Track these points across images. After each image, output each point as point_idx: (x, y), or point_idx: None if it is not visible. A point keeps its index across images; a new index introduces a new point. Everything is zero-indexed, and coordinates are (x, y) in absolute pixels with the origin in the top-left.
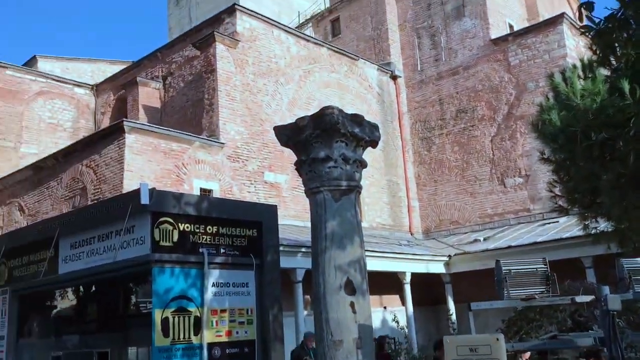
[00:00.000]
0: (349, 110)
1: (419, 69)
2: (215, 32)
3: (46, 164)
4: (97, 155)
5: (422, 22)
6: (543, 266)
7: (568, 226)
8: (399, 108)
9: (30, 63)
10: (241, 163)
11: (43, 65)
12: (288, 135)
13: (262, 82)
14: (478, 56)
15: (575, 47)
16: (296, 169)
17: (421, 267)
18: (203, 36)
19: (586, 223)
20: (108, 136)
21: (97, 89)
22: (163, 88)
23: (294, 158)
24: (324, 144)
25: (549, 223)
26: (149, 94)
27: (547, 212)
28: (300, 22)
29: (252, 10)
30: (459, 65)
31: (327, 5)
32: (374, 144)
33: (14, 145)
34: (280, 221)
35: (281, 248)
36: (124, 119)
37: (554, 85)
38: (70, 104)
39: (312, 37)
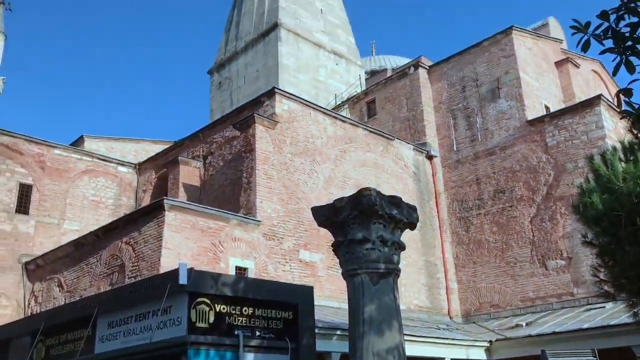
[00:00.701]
0: (385, 189)
1: (455, 149)
2: (255, 114)
3: (87, 240)
4: (137, 233)
5: (458, 104)
6: (592, 358)
7: (615, 312)
8: (436, 187)
9: (78, 143)
10: (277, 241)
11: (89, 144)
12: (325, 215)
13: (299, 161)
14: (515, 137)
15: (613, 129)
16: (333, 250)
17: (461, 353)
18: (243, 118)
19: (635, 311)
20: (148, 214)
21: (140, 167)
22: (203, 167)
23: (330, 237)
24: (361, 225)
25: (594, 308)
26: (190, 172)
27: (592, 296)
28: (337, 103)
29: (290, 93)
30: (495, 145)
31: (363, 87)
32: (412, 225)
33: (57, 222)
34: (315, 302)
35: (316, 330)
36: (164, 197)
37: (594, 168)
38: (113, 182)
39: (348, 118)
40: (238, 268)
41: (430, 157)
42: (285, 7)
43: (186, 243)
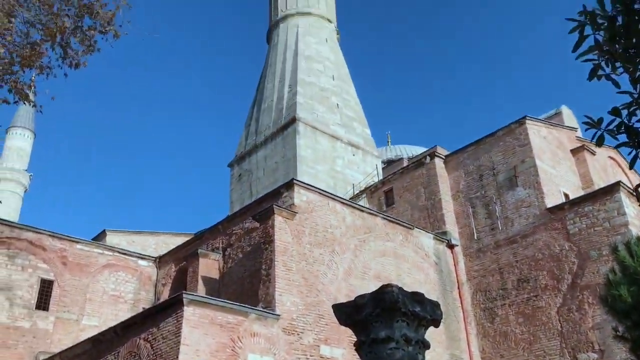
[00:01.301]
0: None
1: (475, 237)
2: (274, 205)
3: (105, 337)
4: (155, 329)
5: (476, 192)
6: None
7: None
8: (458, 277)
9: (100, 237)
10: (296, 336)
11: (111, 238)
12: (347, 313)
13: (319, 252)
14: (535, 225)
15: (636, 215)
16: (355, 350)
17: None
18: (262, 209)
19: None
20: (167, 309)
21: (160, 260)
22: (222, 259)
23: (351, 331)
24: (384, 323)
25: None
26: (209, 265)
27: None
28: (355, 193)
29: (308, 184)
30: (516, 233)
31: (381, 177)
32: (436, 323)
33: (76, 318)
34: None
35: None
36: (184, 292)
37: (620, 259)
38: (133, 276)
39: (366, 208)
40: None
41: (451, 246)
42: (303, 102)
43: (204, 339)
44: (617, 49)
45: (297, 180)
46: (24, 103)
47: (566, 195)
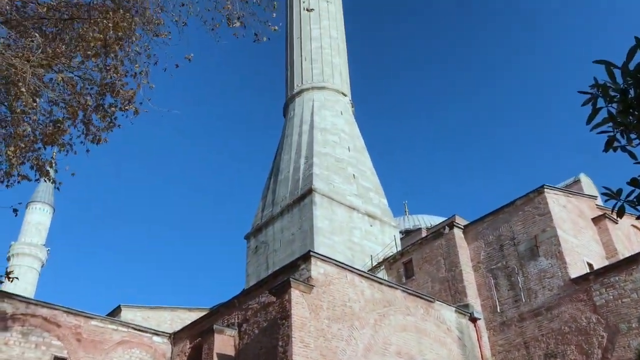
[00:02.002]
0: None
1: (498, 310)
2: (290, 278)
3: None
4: None
5: (497, 263)
6: None
7: None
8: (482, 352)
9: (115, 313)
10: None
11: (126, 314)
12: None
13: (337, 327)
14: (560, 296)
15: None
16: None
17: None
18: (279, 282)
19: None
20: None
21: (174, 337)
22: (238, 335)
23: None
24: None
25: None
26: (224, 341)
27: None
28: (373, 265)
29: (326, 256)
30: (540, 306)
31: (399, 248)
32: None
33: None
34: None
35: None
36: None
37: None
38: (147, 353)
39: (385, 280)
40: None
41: (473, 320)
42: (319, 173)
43: None
44: (632, 121)
45: (314, 252)
46: (45, 180)
47: (590, 265)
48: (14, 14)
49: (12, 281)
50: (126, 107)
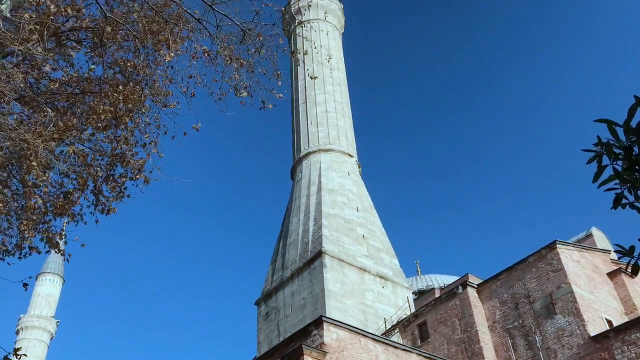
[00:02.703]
0: None
1: None
2: (303, 345)
3: None
4: None
5: (513, 322)
6: None
7: None
8: None
9: None
10: None
11: None
12: None
13: None
14: (580, 355)
15: None
16: None
17: None
18: (291, 349)
19: None
20: None
21: None
22: None
23: None
24: None
25: None
26: None
27: None
28: (387, 328)
29: (338, 321)
30: None
31: (413, 309)
32: None
33: None
34: None
35: None
36: None
37: None
38: None
39: (400, 344)
40: None
41: None
42: (329, 235)
43: None
44: (638, 178)
45: (326, 317)
46: (55, 252)
47: (609, 322)
48: (27, 91)
49: (20, 358)
50: (136, 177)
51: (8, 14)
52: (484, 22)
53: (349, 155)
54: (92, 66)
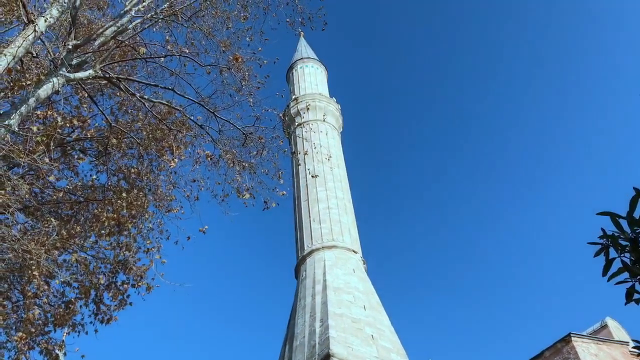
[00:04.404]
0: None
1: None
2: None
3: None
4: None
5: None
6: None
7: None
8: None
9: None
10: None
11: None
12: None
13: None
14: None
15: None
16: None
17: None
18: None
19: None
20: None
21: None
22: None
23: None
24: None
25: None
26: None
27: None
28: None
29: None
30: None
31: None
32: None
33: None
34: None
35: None
36: None
37: None
38: None
39: None
40: None
41: None
42: (336, 336)
43: None
44: None
45: None
46: None
47: None
48: (32, 201)
49: None
50: (139, 284)
51: (16, 128)
52: (476, 117)
53: (353, 251)
54: (94, 176)
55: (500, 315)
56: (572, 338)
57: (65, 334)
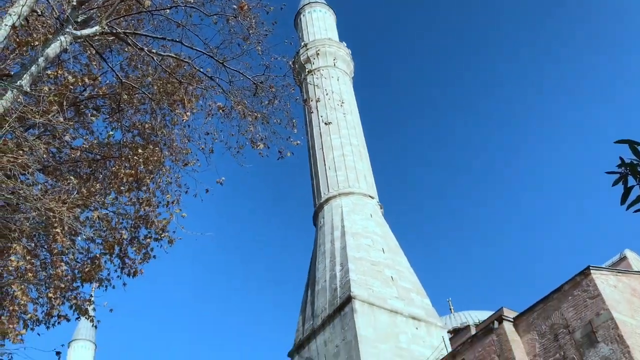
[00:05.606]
0: None
1: None
2: None
3: None
4: None
5: (554, 354)
6: None
7: None
8: None
9: None
10: None
11: None
12: None
13: None
14: None
15: None
16: None
17: None
18: None
19: None
20: None
21: None
22: None
23: None
24: None
25: None
26: None
27: None
28: None
29: None
30: None
31: (449, 349)
32: None
33: None
34: None
35: None
36: None
37: None
38: None
39: None
40: None
41: None
42: (357, 279)
43: None
44: None
45: None
46: (85, 318)
47: None
48: (50, 161)
49: None
50: (161, 237)
51: (28, 89)
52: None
53: (370, 197)
54: (111, 132)
55: (518, 253)
56: (591, 271)
57: (93, 289)
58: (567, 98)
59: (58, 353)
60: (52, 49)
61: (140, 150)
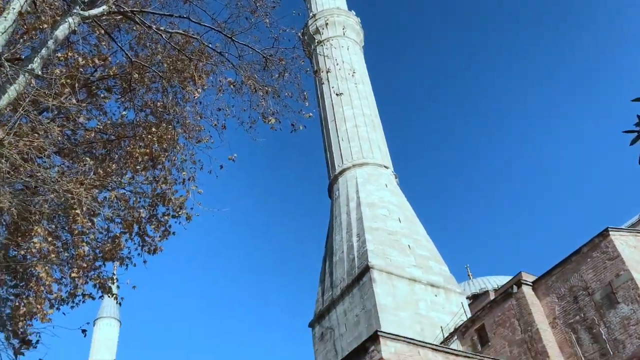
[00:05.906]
0: None
1: None
2: None
3: None
4: None
5: (574, 316)
6: None
7: None
8: None
9: None
10: None
11: None
12: None
13: None
14: None
15: None
16: None
17: None
18: None
19: None
20: None
21: None
22: None
23: None
24: None
25: None
26: None
27: None
28: (445, 336)
29: (394, 335)
30: (632, 356)
31: (469, 315)
32: None
33: None
34: None
35: None
36: None
37: None
38: None
39: (460, 351)
40: None
41: None
42: (374, 249)
43: None
44: None
45: (382, 332)
46: (108, 296)
47: None
48: (65, 143)
49: None
50: (178, 214)
51: (39, 72)
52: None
53: (385, 167)
54: (124, 112)
55: (536, 217)
56: (610, 232)
57: (115, 267)
58: (585, 56)
59: (84, 331)
60: (61, 31)
61: (153, 129)
